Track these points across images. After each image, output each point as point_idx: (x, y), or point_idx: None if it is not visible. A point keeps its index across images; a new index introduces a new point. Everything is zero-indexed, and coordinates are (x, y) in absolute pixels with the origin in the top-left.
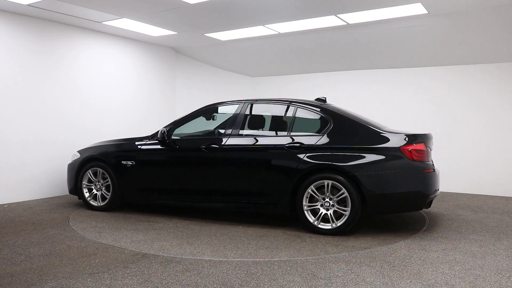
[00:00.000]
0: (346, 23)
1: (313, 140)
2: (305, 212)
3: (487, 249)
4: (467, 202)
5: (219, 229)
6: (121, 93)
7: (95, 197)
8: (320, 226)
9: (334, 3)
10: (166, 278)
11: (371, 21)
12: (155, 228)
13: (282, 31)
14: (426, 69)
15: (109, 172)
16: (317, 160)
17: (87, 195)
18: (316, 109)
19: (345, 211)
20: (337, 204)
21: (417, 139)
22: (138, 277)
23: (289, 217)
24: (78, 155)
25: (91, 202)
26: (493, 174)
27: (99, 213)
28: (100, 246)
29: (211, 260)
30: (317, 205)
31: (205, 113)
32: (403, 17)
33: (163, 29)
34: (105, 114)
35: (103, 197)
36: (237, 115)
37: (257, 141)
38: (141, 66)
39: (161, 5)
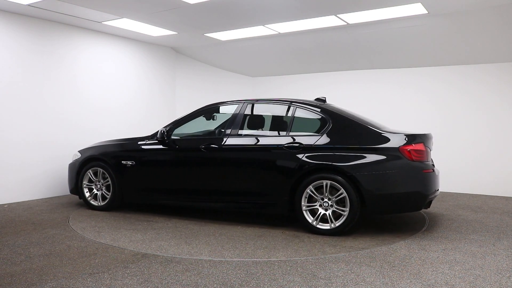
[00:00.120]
0: (346, 23)
1: (312, 140)
2: (304, 212)
3: (487, 249)
4: (467, 202)
5: (218, 229)
6: (121, 93)
7: (95, 197)
8: (318, 226)
9: (334, 3)
10: (166, 278)
11: (371, 21)
12: (154, 228)
13: (282, 31)
14: (426, 69)
15: (109, 172)
16: (315, 160)
17: (87, 194)
18: (315, 109)
19: (343, 211)
20: (336, 204)
21: (416, 139)
22: (138, 277)
23: (288, 217)
24: (78, 155)
25: (91, 202)
26: (493, 174)
27: (99, 213)
28: (100, 246)
29: (211, 260)
30: (316, 205)
31: (205, 113)
32: (403, 17)
33: (163, 29)
34: (105, 114)
35: (104, 197)
36: (236, 115)
37: (256, 141)
38: (141, 66)
39: (161, 5)
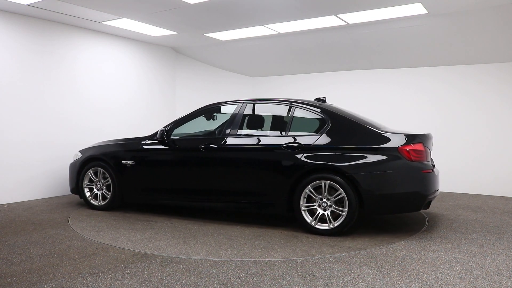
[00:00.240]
0: (346, 23)
1: (310, 140)
2: (303, 212)
3: (487, 249)
4: (467, 202)
5: (217, 229)
6: (121, 93)
7: (96, 197)
8: (317, 226)
9: (334, 3)
10: (166, 278)
11: (371, 21)
12: (153, 227)
13: (282, 31)
14: (426, 69)
15: (109, 171)
16: (314, 160)
17: (88, 194)
18: (314, 109)
19: (342, 211)
20: (335, 204)
21: (415, 139)
22: (138, 277)
23: (287, 217)
24: (79, 155)
25: (92, 201)
26: (493, 174)
27: (99, 213)
28: (100, 246)
29: (211, 260)
30: (314, 206)
31: (204, 113)
32: (403, 17)
33: (163, 29)
34: (105, 114)
35: (104, 197)
36: (235, 115)
37: (255, 141)
38: (141, 66)
39: (161, 5)
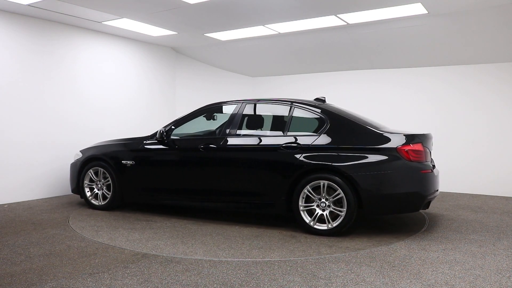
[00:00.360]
0: (346, 23)
1: (309, 140)
2: (301, 212)
3: (487, 249)
4: (467, 202)
5: (216, 228)
6: (121, 93)
7: (96, 196)
8: (316, 226)
9: (334, 3)
10: (166, 278)
11: (371, 21)
12: (152, 227)
13: (282, 31)
14: (426, 69)
15: (109, 171)
16: (313, 160)
17: (88, 194)
18: (313, 109)
19: (341, 211)
20: (333, 204)
21: (415, 139)
22: (138, 277)
23: (286, 217)
24: (80, 155)
25: (92, 201)
26: (493, 174)
27: (99, 213)
28: (100, 246)
29: (211, 260)
30: (313, 206)
31: (203, 113)
32: (403, 17)
33: (163, 29)
34: (105, 114)
35: (104, 197)
36: (235, 115)
37: (254, 141)
38: (141, 66)
39: (161, 5)
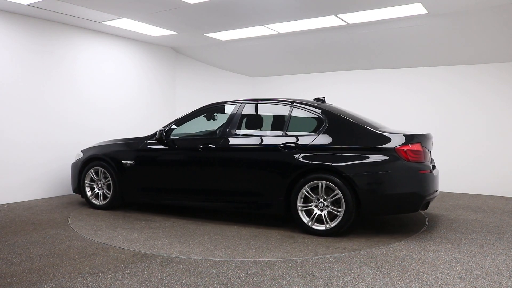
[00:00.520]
0: (346, 23)
1: (308, 140)
2: (300, 212)
3: (487, 249)
4: (467, 202)
5: (214, 228)
6: (121, 93)
7: (97, 196)
8: (314, 227)
9: (334, 3)
10: (166, 278)
11: (371, 21)
12: (151, 227)
13: (282, 31)
14: (426, 69)
15: (109, 171)
16: (311, 160)
17: (89, 194)
18: (312, 108)
19: (339, 212)
20: (332, 205)
21: (413, 140)
22: (138, 277)
23: (285, 217)
24: (81, 155)
25: (93, 201)
26: (493, 174)
27: (99, 212)
28: (100, 246)
29: (211, 260)
30: (311, 206)
31: (203, 113)
32: (403, 17)
33: (163, 29)
34: (105, 114)
35: (105, 196)
36: (234, 115)
37: (253, 141)
38: (141, 66)
39: (161, 5)
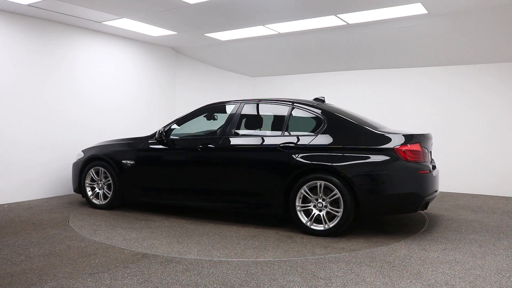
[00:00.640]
0: (346, 23)
1: (307, 140)
2: (298, 212)
3: (487, 249)
4: (467, 202)
5: (213, 228)
6: (121, 93)
7: (97, 196)
8: (312, 227)
9: (334, 3)
10: (166, 278)
11: (371, 21)
12: (150, 226)
13: (282, 31)
14: (426, 69)
15: (110, 171)
16: (309, 160)
17: (90, 193)
18: (311, 108)
19: (338, 212)
20: (330, 205)
21: (412, 140)
22: (138, 277)
23: (284, 217)
24: (82, 154)
25: (93, 200)
26: (493, 174)
27: (99, 212)
28: (100, 246)
29: (211, 260)
30: (310, 206)
31: (202, 113)
32: (403, 17)
33: (163, 29)
34: (105, 114)
35: (105, 196)
36: (233, 115)
37: (252, 141)
38: (141, 66)
39: (161, 5)
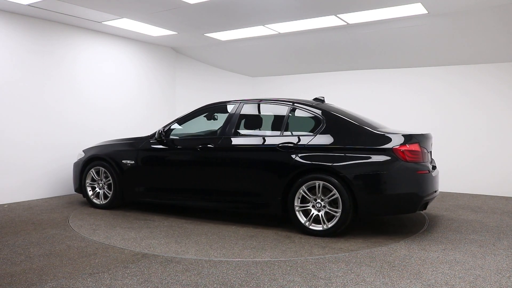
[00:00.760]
0: (346, 23)
1: (305, 140)
2: (297, 213)
3: (487, 249)
4: (467, 202)
5: (212, 228)
6: (121, 93)
7: (98, 196)
8: (311, 227)
9: (334, 3)
10: (166, 278)
11: (371, 21)
12: (149, 226)
13: (282, 31)
14: (426, 69)
15: (110, 171)
16: (308, 160)
17: (90, 193)
18: (310, 108)
19: (336, 212)
20: (329, 205)
21: (411, 140)
22: (138, 277)
23: (283, 217)
24: (83, 154)
25: (94, 200)
26: (493, 174)
27: (99, 212)
28: (100, 246)
29: (211, 260)
30: (308, 206)
31: (202, 113)
32: (403, 17)
33: (163, 29)
34: (105, 114)
35: (105, 196)
36: (232, 115)
37: (251, 141)
38: (141, 66)
39: (161, 5)
